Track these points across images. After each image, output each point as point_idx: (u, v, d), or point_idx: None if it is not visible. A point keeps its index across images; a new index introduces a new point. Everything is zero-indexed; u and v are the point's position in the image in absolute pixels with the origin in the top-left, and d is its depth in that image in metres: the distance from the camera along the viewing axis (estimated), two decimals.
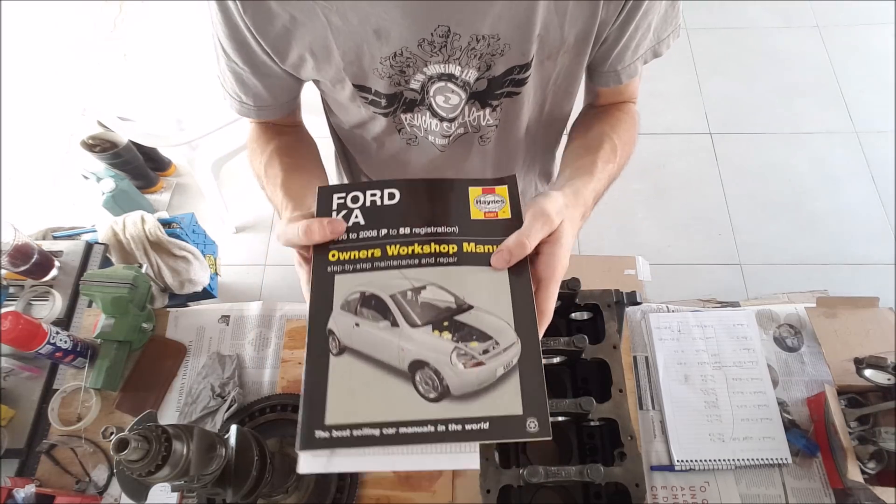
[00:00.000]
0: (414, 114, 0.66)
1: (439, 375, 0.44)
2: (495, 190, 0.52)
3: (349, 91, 0.63)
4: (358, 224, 0.51)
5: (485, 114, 0.66)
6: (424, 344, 0.45)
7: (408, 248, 0.49)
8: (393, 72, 0.59)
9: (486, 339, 0.45)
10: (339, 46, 0.57)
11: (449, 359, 0.44)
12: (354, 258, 0.49)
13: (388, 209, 0.52)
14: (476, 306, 0.46)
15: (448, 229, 0.50)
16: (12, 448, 0.88)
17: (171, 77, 1.93)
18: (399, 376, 0.44)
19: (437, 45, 0.56)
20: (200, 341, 0.98)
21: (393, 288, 0.48)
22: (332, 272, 0.49)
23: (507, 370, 0.44)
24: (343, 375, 0.44)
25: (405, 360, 0.45)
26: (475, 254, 0.49)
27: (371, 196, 0.52)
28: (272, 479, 0.70)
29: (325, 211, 0.52)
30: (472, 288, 0.47)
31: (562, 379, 0.89)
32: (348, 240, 0.50)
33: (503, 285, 0.47)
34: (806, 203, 2.25)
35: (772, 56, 2.64)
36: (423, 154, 0.73)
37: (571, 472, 0.71)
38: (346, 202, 0.52)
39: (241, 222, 2.28)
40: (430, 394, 0.43)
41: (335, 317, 0.46)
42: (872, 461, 0.79)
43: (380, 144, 0.73)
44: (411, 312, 0.46)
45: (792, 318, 0.96)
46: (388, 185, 0.53)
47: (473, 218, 0.51)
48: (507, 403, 0.43)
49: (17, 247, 0.97)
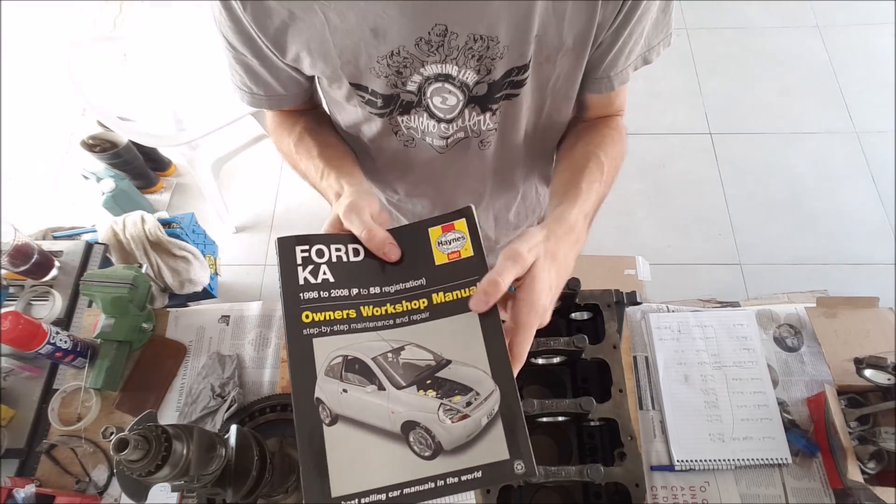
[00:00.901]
0: (411, 115, 0.66)
1: (430, 433, 0.46)
2: (454, 225, 0.53)
3: (346, 90, 0.63)
4: (328, 281, 0.51)
5: (485, 118, 0.66)
6: (412, 404, 0.47)
7: (381, 309, 0.51)
8: (390, 71, 0.59)
9: (468, 391, 0.47)
10: (337, 44, 0.57)
11: (437, 416, 0.46)
12: (330, 319, 0.50)
13: (355, 266, 0.52)
14: (454, 360, 0.48)
15: (416, 283, 0.52)
16: (12, 448, 0.88)
17: (171, 77, 1.93)
18: (393, 439, 0.46)
19: (435, 45, 0.56)
20: (200, 341, 0.98)
21: (374, 350, 0.49)
22: (308, 335, 0.49)
23: (491, 418, 0.46)
24: (340, 445, 0.46)
25: (397, 422, 0.47)
26: (445, 304, 0.50)
27: (336, 251, 0.53)
28: (272, 479, 0.70)
29: (289, 264, 0.51)
30: (447, 341, 0.49)
31: (562, 379, 0.89)
32: (320, 298, 0.51)
33: (475, 332, 0.49)
34: (806, 203, 2.25)
35: (772, 56, 2.64)
36: (422, 156, 0.73)
37: (571, 472, 0.71)
38: (312, 256, 0.52)
39: (241, 222, 2.28)
40: (425, 452, 0.45)
41: (321, 385, 0.47)
42: (872, 461, 0.79)
43: (377, 146, 0.73)
44: (395, 375, 0.48)
45: (792, 318, 0.96)
46: (351, 239, 0.53)
47: (438, 263, 0.52)
48: (494, 450, 0.45)
49: (17, 247, 0.97)
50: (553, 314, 0.58)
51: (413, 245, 0.53)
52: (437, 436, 0.46)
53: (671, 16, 0.62)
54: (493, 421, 0.46)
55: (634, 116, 2.46)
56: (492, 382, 0.47)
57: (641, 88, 2.51)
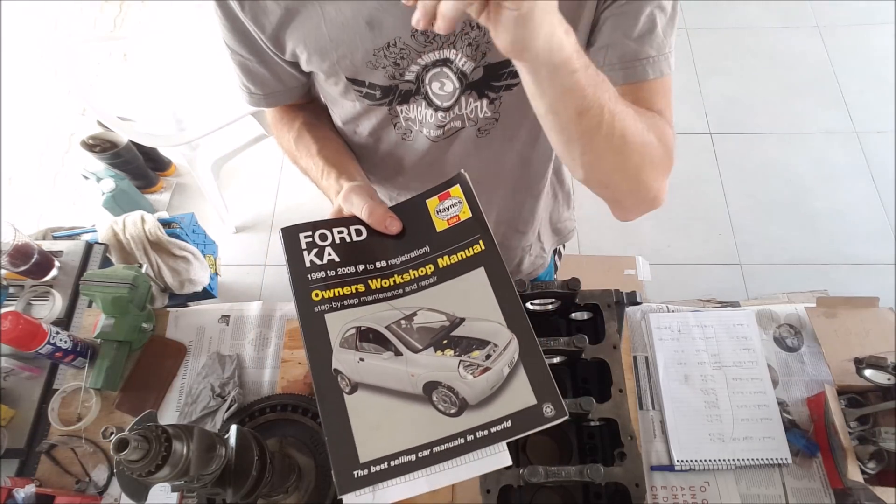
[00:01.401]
0: (410, 104, 0.66)
1: (454, 391, 0.45)
2: (450, 193, 0.54)
3: (343, 85, 0.64)
4: (334, 261, 0.52)
5: (482, 105, 0.66)
6: (431, 365, 0.47)
7: (389, 280, 0.51)
8: (387, 63, 0.59)
9: (485, 344, 0.47)
10: (333, 39, 0.57)
11: (458, 373, 0.46)
12: (340, 295, 0.50)
13: (359, 245, 0.53)
14: (467, 317, 0.48)
15: (420, 251, 0.52)
16: (12, 448, 0.88)
17: (171, 77, 1.93)
18: (416, 401, 0.46)
19: (431, 35, 0.56)
20: (200, 341, 0.98)
21: (386, 319, 0.49)
22: (320, 311, 0.50)
23: (512, 367, 0.46)
24: (363, 411, 0.46)
25: (418, 384, 0.47)
26: (451, 266, 0.51)
27: (339, 233, 0.53)
28: (272, 479, 0.70)
29: (295, 250, 0.52)
30: (459, 300, 0.49)
31: (562, 379, 0.89)
32: (328, 277, 0.51)
33: (485, 287, 0.49)
34: (806, 203, 2.25)
35: (772, 56, 2.64)
36: (419, 148, 0.72)
37: (571, 472, 0.71)
38: (315, 240, 0.53)
39: (241, 222, 2.28)
40: (450, 410, 0.45)
41: (337, 356, 0.48)
42: (872, 461, 0.79)
43: (375, 139, 0.73)
44: (411, 339, 0.48)
45: (792, 318, 0.96)
46: (353, 221, 0.54)
47: (439, 230, 0.53)
48: (520, 397, 0.45)
49: (17, 247, 0.97)
50: (553, 314, 0.58)
51: (413, 218, 0.54)
52: (461, 392, 0.45)
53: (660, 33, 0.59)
54: (515, 369, 0.46)
55: None
56: (508, 332, 0.47)
57: None
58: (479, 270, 0.50)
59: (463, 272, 0.50)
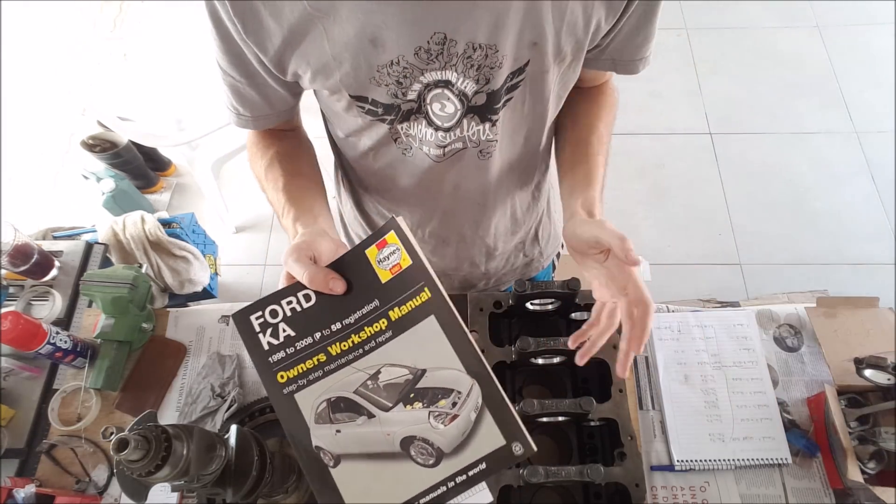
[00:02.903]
0: (410, 123, 0.66)
1: (429, 442, 0.48)
2: (386, 240, 0.54)
3: (346, 101, 0.63)
4: (290, 337, 0.53)
5: (485, 128, 0.66)
6: (404, 421, 0.49)
7: (347, 342, 0.52)
8: (390, 80, 0.59)
9: (450, 392, 0.49)
10: (336, 57, 0.57)
11: (429, 424, 0.48)
12: (304, 371, 0.51)
13: (310, 312, 0.53)
14: (428, 367, 0.50)
15: (370, 306, 0.53)
16: (12, 448, 0.88)
17: (171, 77, 1.93)
18: (396, 458, 0.48)
19: (434, 53, 0.56)
20: (200, 341, 0.98)
21: (353, 384, 0.51)
22: (289, 393, 0.51)
23: (478, 411, 0.48)
24: (350, 482, 0.48)
25: (395, 441, 0.49)
26: (403, 317, 0.52)
27: (288, 304, 0.54)
28: (272, 479, 0.70)
29: (250, 335, 0.53)
30: (417, 351, 0.51)
31: (562, 379, 0.89)
32: (288, 356, 0.52)
33: (439, 336, 0.50)
34: (806, 203, 2.25)
35: (772, 56, 2.64)
36: (418, 165, 0.72)
37: (571, 472, 0.71)
38: (267, 319, 0.53)
39: (241, 222, 2.28)
40: (428, 461, 0.48)
41: (315, 432, 0.50)
42: (872, 461, 0.79)
43: (375, 153, 0.73)
44: (380, 399, 0.50)
45: (792, 318, 0.96)
46: (297, 288, 0.54)
47: (384, 281, 0.53)
48: (490, 440, 0.47)
49: (17, 247, 0.97)
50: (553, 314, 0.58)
51: (357, 271, 0.54)
52: (436, 442, 0.48)
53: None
54: (481, 413, 0.48)
55: (634, 116, 2.46)
56: (469, 378, 0.49)
57: (641, 88, 2.50)
58: (430, 319, 0.51)
59: (415, 322, 0.51)
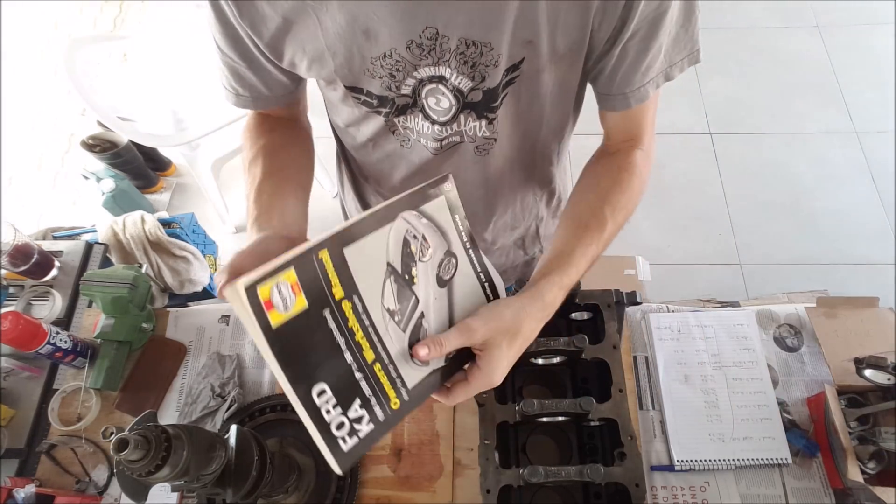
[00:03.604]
0: (407, 116, 0.66)
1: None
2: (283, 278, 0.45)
3: (342, 92, 0.64)
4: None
5: (481, 125, 0.66)
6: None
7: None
8: (383, 73, 0.59)
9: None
10: (330, 47, 0.57)
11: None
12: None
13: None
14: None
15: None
16: (12, 448, 0.88)
17: (171, 77, 1.93)
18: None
19: (426, 48, 0.56)
20: (200, 341, 0.98)
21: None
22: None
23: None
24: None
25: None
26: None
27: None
28: (272, 479, 0.70)
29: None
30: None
31: (562, 379, 0.89)
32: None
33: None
34: (806, 203, 2.25)
35: (772, 56, 2.64)
36: (416, 157, 0.73)
37: (571, 472, 0.71)
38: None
39: (241, 222, 2.28)
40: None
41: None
42: (872, 461, 0.79)
43: (374, 144, 0.73)
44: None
45: (792, 318, 0.96)
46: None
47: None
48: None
49: (17, 247, 0.97)
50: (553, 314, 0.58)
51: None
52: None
53: (695, 32, 0.62)
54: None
55: None
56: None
57: None
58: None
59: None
